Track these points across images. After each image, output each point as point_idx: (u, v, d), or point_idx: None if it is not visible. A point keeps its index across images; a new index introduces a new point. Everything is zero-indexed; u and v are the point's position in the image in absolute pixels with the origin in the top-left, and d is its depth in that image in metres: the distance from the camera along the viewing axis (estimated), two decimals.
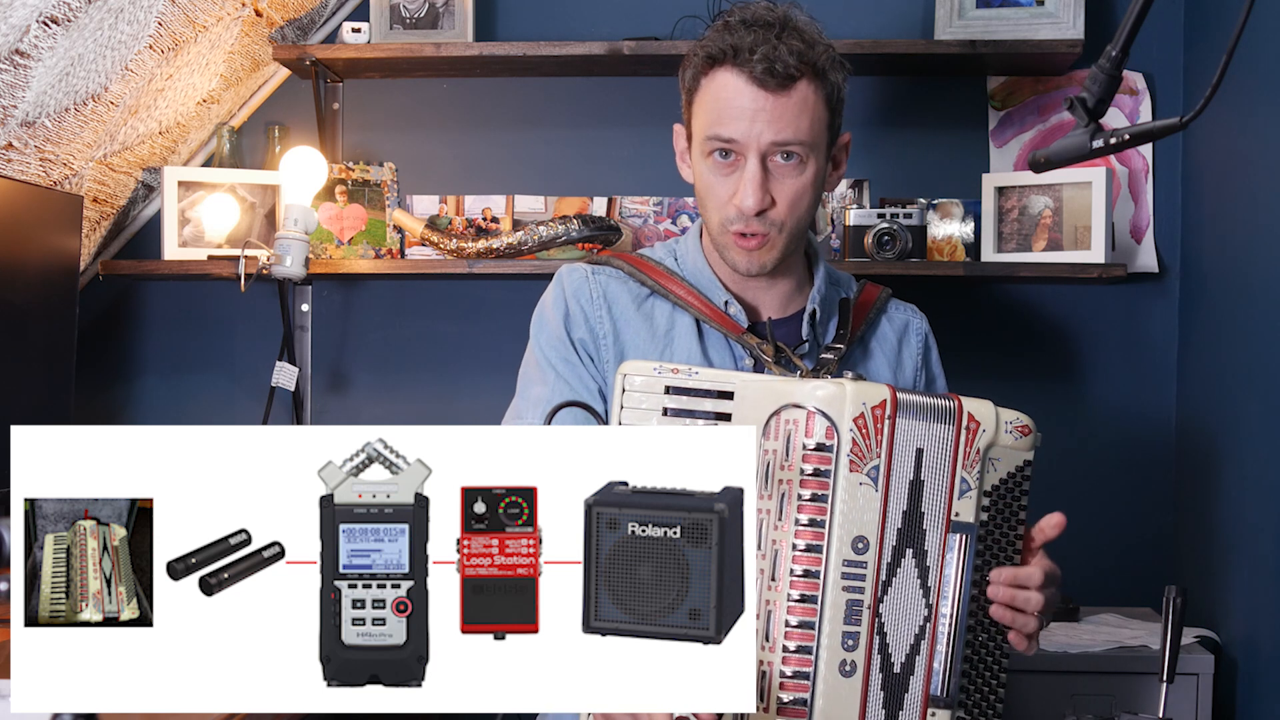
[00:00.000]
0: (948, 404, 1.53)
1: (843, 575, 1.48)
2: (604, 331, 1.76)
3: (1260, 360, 2.25)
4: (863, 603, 1.48)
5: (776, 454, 1.50)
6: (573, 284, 1.79)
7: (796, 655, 1.47)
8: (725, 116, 1.66)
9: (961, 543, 1.53)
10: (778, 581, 1.49)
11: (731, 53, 1.65)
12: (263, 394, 2.84)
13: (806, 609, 1.47)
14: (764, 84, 1.64)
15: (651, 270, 1.79)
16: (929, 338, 1.89)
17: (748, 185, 1.66)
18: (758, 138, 1.65)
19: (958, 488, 1.53)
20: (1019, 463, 1.56)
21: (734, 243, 1.71)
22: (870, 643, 1.49)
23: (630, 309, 1.77)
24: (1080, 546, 2.75)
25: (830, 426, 1.48)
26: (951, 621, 1.52)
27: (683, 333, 1.76)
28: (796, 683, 1.47)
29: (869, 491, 1.49)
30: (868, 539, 1.49)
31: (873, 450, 1.49)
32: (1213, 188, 2.59)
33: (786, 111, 1.65)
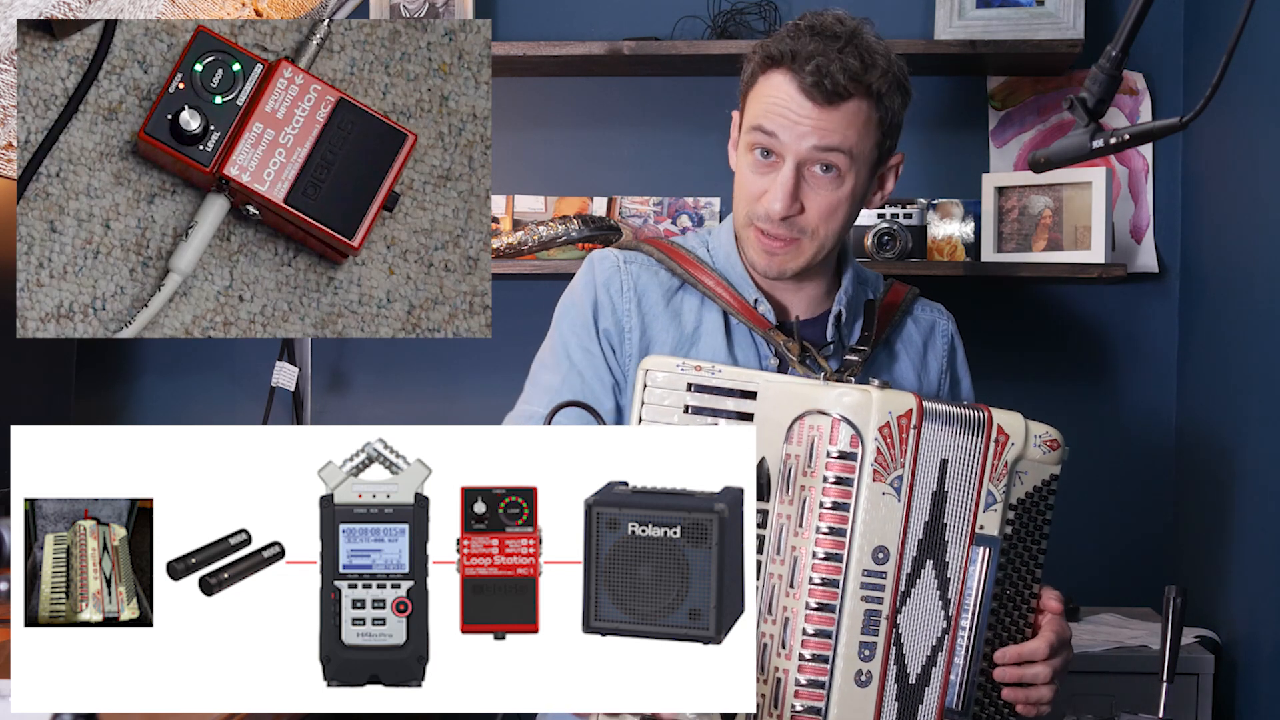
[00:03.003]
0: (977, 415, 1.51)
1: (862, 585, 1.46)
2: (630, 325, 1.76)
3: (1260, 360, 2.25)
4: (881, 613, 1.47)
5: (799, 459, 1.49)
6: (604, 272, 1.78)
7: (813, 664, 1.46)
8: (771, 113, 1.66)
9: (984, 556, 1.51)
10: (796, 589, 1.47)
11: (789, 57, 1.65)
12: (263, 394, 2.84)
13: (824, 618, 1.46)
14: (811, 95, 1.64)
15: (683, 259, 1.79)
16: (955, 339, 1.90)
17: (779, 189, 1.66)
18: (797, 144, 1.65)
19: (983, 500, 1.51)
20: (1046, 476, 1.55)
21: (755, 238, 1.72)
22: (887, 653, 1.47)
23: (659, 304, 1.77)
24: (1080, 546, 2.76)
25: (855, 435, 1.47)
26: (970, 634, 1.51)
27: (709, 329, 1.76)
28: (811, 691, 1.46)
29: (891, 502, 1.47)
30: (888, 549, 1.47)
31: (897, 460, 1.48)
32: (1213, 188, 2.59)
33: (829, 125, 1.65)
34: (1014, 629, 1.55)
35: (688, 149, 2.84)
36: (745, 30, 2.74)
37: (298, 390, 2.85)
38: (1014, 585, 1.54)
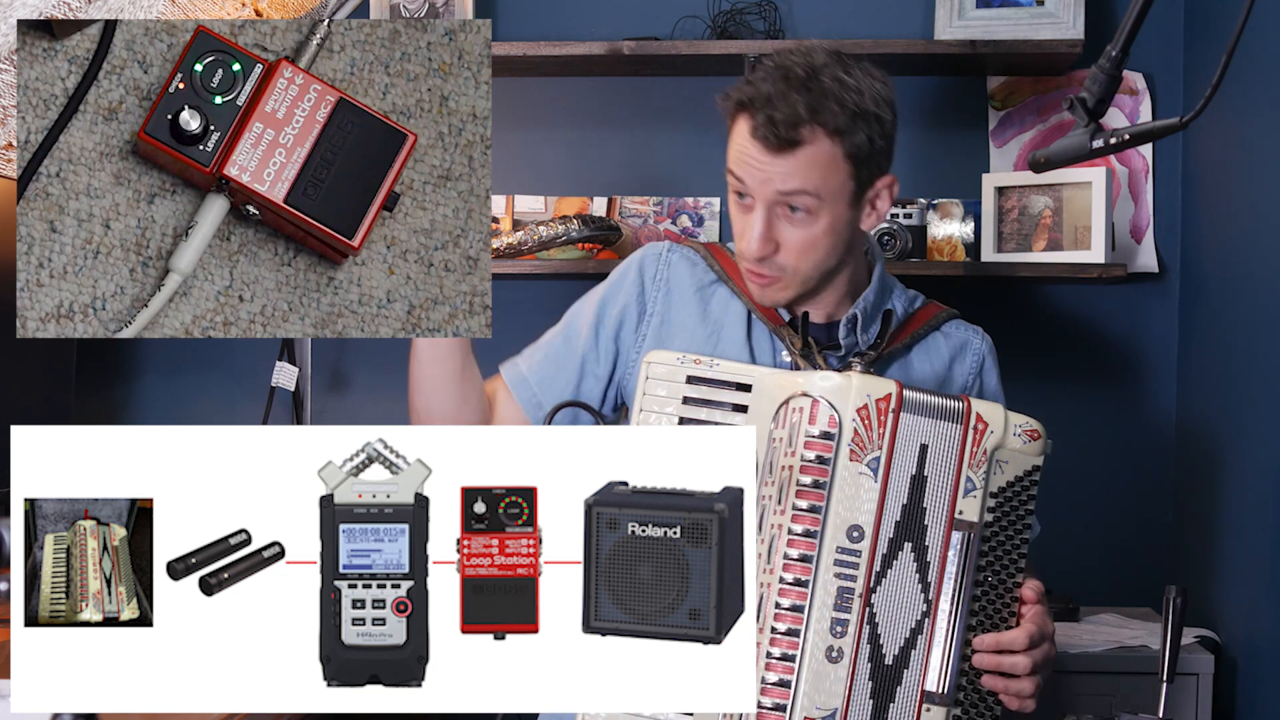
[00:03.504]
0: (955, 404, 1.55)
1: (835, 562, 1.50)
2: (653, 310, 1.81)
3: (1260, 360, 2.25)
4: (854, 590, 1.50)
5: (781, 441, 1.53)
6: (649, 257, 1.85)
7: (785, 638, 1.49)
8: (739, 162, 1.69)
9: (964, 540, 1.54)
10: (772, 564, 1.50)
11: (749, 102, 1.67)
12: (263, 394, 2.84)
13: (798, 592, 1.49)
14: (765, 142, 1.65)
15: (723, 258, 1.84)
16: (987, 359, 1.88)
17: (751, 232, 1.69)
18: (761, 189, 1.67)
19: (963, 486, 1.54)
20: (1027, 467, 1.57)
21: (747, 272, 1.75)
22: (860, 631, 1.50)
23: (689, 292, 1.81)
24: (1080, 546, 2.76)
25: (833, 415, 1.51)
26: (951, 618, 1.53)
27: (733, 321, 1.79)
28: (782, 664, 1.49)
29: (868, 482, 1.51)
30: (863, 528, 1.51)
31: (874, 441, 1.51)
32: (1213, 188, 2.59)
33: (787, 170, 1.65)
34: (996, 618, 1.56)
35: (688, 149, 2.84)
36: (745, 30, 2.74)
37: (298, 390, 2.85)
38: (995, 573, 1.56)
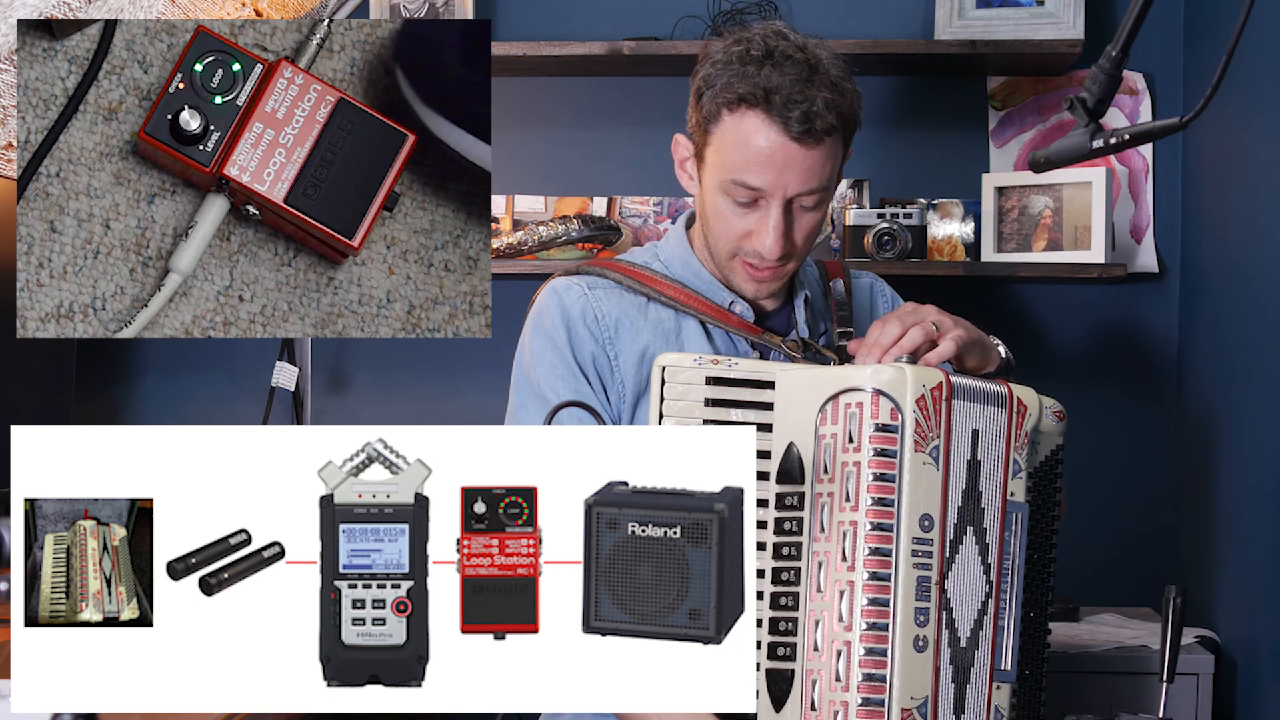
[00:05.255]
0: (998, 389, 1.58)
1: (912, 553, 1.50)
2: (614, 352, 1.73)
3: (1260, 360, 2.25)
4: (931, 579, 1.51)
5: (838, 438, 1.52)
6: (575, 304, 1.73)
7: (872, 633, 1.49)
8: (752, 163, 1.63)
9: (1018, 521, 1.57)
10: (850, 561, 1.50)
11: (763, 96, 1.61)
12: (263, 394, 2.84)
13: (880, 586, 1.49)
14: (801, 140, 1.62)
15: (641, 276, 1.76)
16: (892, 293, 1.94)
17: (772, 234, 1.65)
18: (784, 187, 1.64)
19: (1011, 468, 1.58)
20: (1054, 445, 1.64)
21: (742, 269, 1.72)
22: (939, 618, 1.52)
23: (639, 319, 1.75)
24: (1080, 546, 2.75)
25: (894, 408, 1.51)
26: (1011, 598, 1.56)
27: (691, 334, 1.75)
28: (874, 660, 1.49)
29: (931, 471, 1.52)
30: (932, 516, 1.52)
31: (933, 430, 1.52)
32: (1213, 188, 2.59)
33: (815, 163, 1.64)
34: (1038, 594, 1.60)
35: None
36: None
37: (298, 390, 2.85)
38: (1036, 550, 1.60)
